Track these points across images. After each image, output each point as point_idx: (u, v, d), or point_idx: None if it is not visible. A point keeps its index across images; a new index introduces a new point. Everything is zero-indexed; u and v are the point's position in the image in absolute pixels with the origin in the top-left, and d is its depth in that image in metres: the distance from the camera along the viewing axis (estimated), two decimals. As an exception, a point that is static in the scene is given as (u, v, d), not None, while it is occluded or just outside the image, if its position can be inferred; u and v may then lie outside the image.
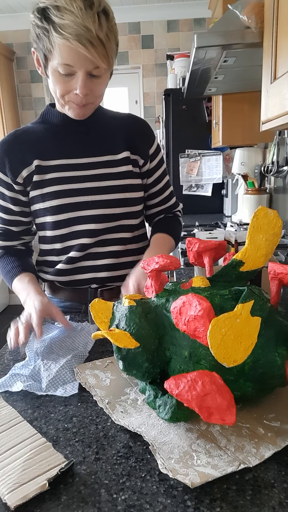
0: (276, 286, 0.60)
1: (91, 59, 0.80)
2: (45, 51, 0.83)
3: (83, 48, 0.77)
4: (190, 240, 0.74)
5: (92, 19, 0.77)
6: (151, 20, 3.38)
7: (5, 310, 3.96)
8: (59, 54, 0.80)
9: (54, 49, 0.80)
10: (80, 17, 0.76)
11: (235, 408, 0.47)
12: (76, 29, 0.76)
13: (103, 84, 0.89)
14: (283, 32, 0.95)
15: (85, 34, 0.76)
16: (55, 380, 0.68)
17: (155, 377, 0.61)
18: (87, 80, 0.84)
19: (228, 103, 2.12)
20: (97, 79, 0.86)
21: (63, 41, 0.77)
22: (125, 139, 1.00)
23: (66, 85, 0.85)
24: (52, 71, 0.85)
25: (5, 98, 3.36)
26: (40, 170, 0.95)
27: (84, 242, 0.98)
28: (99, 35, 0.78)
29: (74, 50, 0.78)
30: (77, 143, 0.98)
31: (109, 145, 1.00)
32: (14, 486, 0.46)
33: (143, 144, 1.03)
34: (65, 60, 0.80)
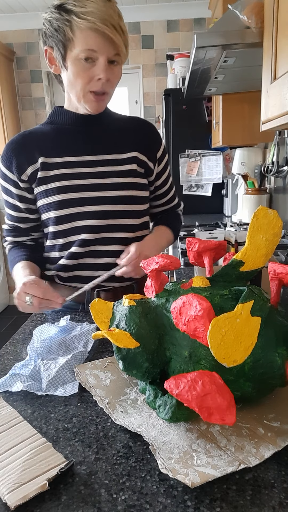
0: (276, 286, 0.60)
1: (115, 43, 0.85)
2: (66, 41, 0.86)
3: (109, 30, 0.83)
4: (190, 240, 0.74)
5: (113, 10, 0.85)
6: (151, 20, 3.38)
7: (5, 310, 3.96)
8: (83, 40, 0.84)
9: (76, 37, 0.84)
10: (102, 5, 0.83)
11: (235, 408, 0.47)
12: (100, 14, 0.82)
13: (119, 75, 0.94)
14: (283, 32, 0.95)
15: (109, 19, 0.83)
16: (55, 380, 0.68)
17: (155, 377, 0.61)
18: (107, 66, 0.88)
19: (228, 103, 2.12)
20: (115, 68, 0.91)
21: (90, 25, 0.82)
22: (133, 140, 1.03)
23: (87, 72, 0.88)
24: (72, 60, 0.88)
25: (5, 98, 3.35)
26: (45, 167, 0.98)
27: (85, 237, 1.00)
28: (120, 23, 0.85)
29: (100, 34, 0.83)
30: (82, 141, 1.01)
31: (114, 144, 1.02)
32: (14, 486, 0.46)
33: (151, 146, 1.06)
34: (90, 45, 0.84)
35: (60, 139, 1.01)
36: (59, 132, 1.01)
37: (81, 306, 1.07)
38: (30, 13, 3.36)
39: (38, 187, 0.99)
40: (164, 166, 1.12)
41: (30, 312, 0.91)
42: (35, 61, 3.55)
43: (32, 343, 0.80)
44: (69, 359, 0.73)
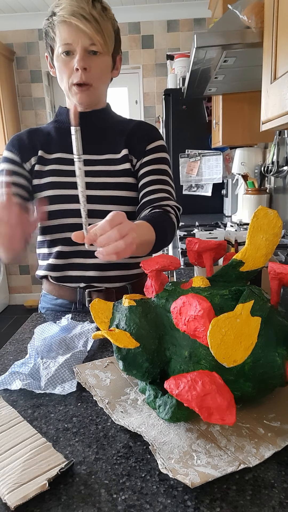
0: (276, 286, 0.60)
1: (86, 33, 0.87)
2: (51, 42, 0.92)
3: (76, 20, 0.85)
4: (190, 240, 0.74)
5: (86, 1, 0.86)
6: (151, 20, 3.38)
7: (5, 310, 3.96)
8: (59, 36, 0.89)
9: (56, 35, 0.89)
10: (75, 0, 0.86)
11: (235, 408, 0.47)
12: (70, 8, 0.86)
13: (102, 65, 0.93)
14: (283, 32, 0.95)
15: (78, 10, 0.85)
16: (54, 378, 0.69)
17: (155, 377, 0.61)
18: (84, 56, 0.89)
19: (228, 103, 2.12)
20: (96, 58, 0.91)
21: (60, 19, 0.87)
22: (125, 139, 1.03)
23: (68, 65, 0.91)
24: (56, 58, 0.92)
25: (5, 98, 3.35)
26: (41, 161, 1.00)
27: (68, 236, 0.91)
28: (92, 12, 0.86)
29: (70, 26, 0.87)
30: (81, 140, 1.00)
31: (110, 145, 1.03)
32: (14, 486, 0.46)
33: (140, 142, 1.02)
34: (64, 39, 0.88)
35: (59, 136, 1.03)
36: (60, 130, 1.04)
37: (74, 305, 1.07)
38: (30, 13, 3.36)
39: (34, 179, 1.00)
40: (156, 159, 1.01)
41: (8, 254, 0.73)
42: (35, 61, 3.55)
43: (33, 342, 0.80)
44: (68, 358, 0.73)
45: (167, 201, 0.98)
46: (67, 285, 1.05)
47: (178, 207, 1.01)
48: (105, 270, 1.03)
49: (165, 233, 0.90)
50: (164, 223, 0.91)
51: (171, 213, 0.96)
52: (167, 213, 0.96)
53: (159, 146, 1.04)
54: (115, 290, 1.05)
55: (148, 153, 1.02)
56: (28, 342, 0.85)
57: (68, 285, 1.05)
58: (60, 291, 1.07)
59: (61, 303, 1.08)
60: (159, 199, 0.98)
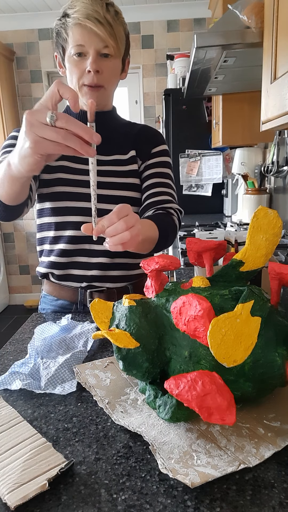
0: (276, 286, 0.60)
1: (100, 36, 0.88)
2: (63, 42, 0.93)
3: (91, 23, 0.87)
4: (190, 240, 0.74)
5: (100, 5, 0.88)
6: (151, 20, 3.38)
7: (5, 310, 3.96)
8: (72, 38, 0.90)
9: (69, 36, 0.91)
10: (89, 3, 0.88)
11: (235, 408, 0.47)
12: (85, 11, 0.87)
13: (113, 68, 0.95)
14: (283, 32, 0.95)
15: (93, 14, 0.87)
16: (54, 378, 0.69)
17: (155, 377, 0.61)
18: (97, 58, 0.91)
19: (228, 103, 2.12)
20: (108, 60, 0.93)
21: (74, 21, 0.88)
22: (132, 141, 1.05)
23: (79, 67, 0.92)
24: (68, 58, 0.93)
25: (5, 98, 3.36)
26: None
27: (72, 234, 1.00)
28: (105, 16, 0.88)
29: (84, 29, 0.88)
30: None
31: (118, 146, 1.04)
32: (14, 486, 0.46)
33: (146, 145, 1.06)
34: (77, 41, 0.89)
35: None
36: None
37: (75, 306, 1.07)
38: (30, 13, 3.36)
39: (42, 174, 1.00)
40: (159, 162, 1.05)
41: (44, 152, 0.59)
42: (35, 61, 3.55)
43: (33, 342, 0.80)
44: (68, 358, 0.73)
45: (170, 203, 1.02)
46: (68, 285, 1.05)
47: (180, 210, 1.05)
48: (107, 269, 1.03)
49: (167, 233, 0.93)
50: (166, 224, 0.94)
51: (173, 215, 1.00)
52: (170, 215, 0.99)
53: (163, 150, 1.08)
54: (117, 290, 1.05)
55: (153, 156, 1.06)
56: (28, 342, 0.85)
57: (70, 285, 1.05)
58: (61, 291, 1.07)
59: (62, 304, 1.08)
60: (162, 202, 1.01)
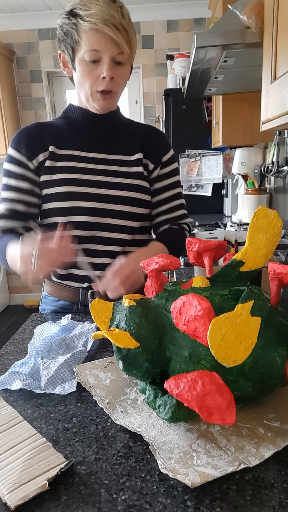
0: (276, 286, 0.60)
1: (117, 42, 0.87)
2: (73, 43, 0.91)
3: (109, 30, 0.85)
4: (190, 240, 0.74)
5: (116, 9, 0.87)
6: (151, 20, 3.38)
7: (5, 310, 3.96)
8: (87, 42, 0.88)
9: (82, 39, 0.88)
10: (105, 7, 0.86)
11: (235, 408, 0.47)
12: (102, 15, 0.85)
13: (125, 75, 0.96)
14: (283, 32, 0.95)
15: (111, 19, 0.85)
16: (54, 378, 0.69)
17: (155, 377, 0.61)
18: (112, 65, 0.90)
19: (228, 103, 2.12)
20: (121, 67, 0.93)
21: (91, 26, 0.86)
22: (140, 143, 1.05)
23: (93, 72, 0.91)
24: (79, 61, 0.92)
25: (5, 98, 3.35)
26: (53, 157, 0.99)
27: (79, 234, 0.99)
28: (122, 22, 0.87)
29: (101, 34, 0.86)
30: (93, 139, 1.03)
31: (123, 146, 1.04)
32: (14, 486, 0.46)
33: (156, 150, 1.06)
34: (92, 45, 0.88)
35: (72, 133, 1.03)
36: (71, 126, 1.04)
37: (76, 306, 1.07)
38: (30, 13, 3.36)
39: (45, 175, 0.99)
40: (170, 172, 1.09)
41: (42, 278, 0.82)
42: (35, 61, 3.55)
43: (33, 342, 0.80)
44: (68, 358, 0.73)
45: (184, 219, 1.12)
46: (69, 285, 1.05)
47: (191, 222, 1.15)
48: None
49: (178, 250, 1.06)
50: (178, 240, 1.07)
51: (186, 230, 1.12)
52: (183, 230, 1.11)
53: (172, 157, 1.11)
54: None
55: (164, 165, 1.08)
56: (28, 342, 0.85)
57: (71, 285, 1.05)
58: (62, 292, 1.07)
59: (63, 304, 1.08)
60: (176, 218, 1.11)
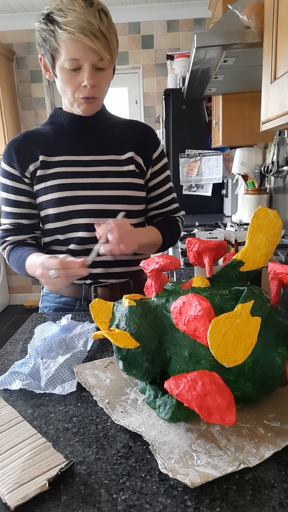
0: (276, 286, 0.60)
1: (96, 50, 0.86)
2: (52, 51, 0.89)
3: (87, 39, 0.84)
4: (190, 240, 0.74)
5: (93, 15, 0.84)
6: (151, 20, 3.38)
7: (5, 310, 3.96)
8: (66, 50, 0.86)
9: (61, 47, 0.87)
10: (82, 13, 0.83)
11: (235, 408, 0.47)
12: (79, 23, 0.83)
13: (107, 78, 0.95)
14: (283, 32, 0.95)
15: (88, 27, 0.83)
16: (54, 378, 0.69)
17: (155, 377, 0.61)
18: (93, 73, 0.90)
19: (228, 103, 2.12)
20: (102, 73, 0.92)
21: (69, 36, 0.84)
22: (130, 141, 1.05)
23: (74, 80, 0.91)
24: (60, 69, 0.91)
25: (5, 98, 3.35)
26: (44, 165, 1.00)
27: (82, 235, 1.01)
28: (100, 28, 0.85)
29: (79, 43, 0.85)
30: (82, 142, 1.03)
31: (113, 146, 1.04)
32: (14, 486, 0.46)
33: (147, 148, 1.07)
34: (71, 54, 0.86)
35: (60, 138, 1.03)
36: (59, 132, 1.04)
37: (79, 302, 1.08)
38: (30, 13, 3.36)
39: (38, 184, 1.00)
40: (161, 168, 1.11)
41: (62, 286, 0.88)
42: (35, 61, 3.55)
43: (33, 342, 0.80)
44: (68, 358, 0.73)
45: (178, 212, 1.16)
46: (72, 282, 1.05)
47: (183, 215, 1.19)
48: (111, 267, 1.05)
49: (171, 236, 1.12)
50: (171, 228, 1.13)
51: (178, 222, 1.17)
52: (176, 221, 1.16)
53: (162, 152, 1.11)
54: (119, 285, 1.07)
55: (155, 162, 1.09)
56: (28, 342, 0.85)
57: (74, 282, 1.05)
58: (65, 289, 1.07)
59: (66, 301, 1.09)
60: (171, 212, 1.15)
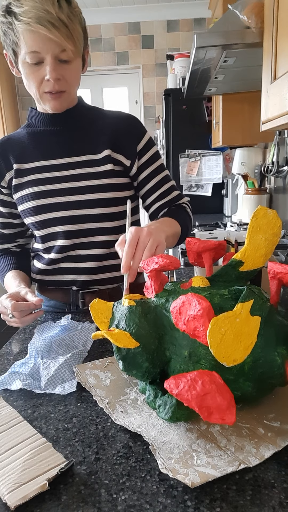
0: (276, 285, 0.60)
1: (56, 41, 0.79)
2: (13, 45, 0.83)
3: (44, 29, 0.77)
4: (190, 240, 0.74)
5: (51, 2, 0.77)
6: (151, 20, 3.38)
7: (5, 310, 3.96)
8: (25, 43, 0.80)
9: (20, 39, 0.80)
10: (39, 1, 0.76)
11: (235, 408, 0.47)
12: (35, 12, 0.76)
13: (74, 71, 0.88)
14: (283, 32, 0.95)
15: (45, 16, 0.76)
16: (54, 378, 0.69)
17: (155, 377, 0.61)
18: (56, 65, 0.83)
19: (228, 103, 2.12)
20: (67, 65, 0.85)
21: (25, 27, 0.77)
22: (107, 138, 0.97)
23: (37, 74, 0.84)
24: (22, 63, 0.84)
25: (5, 98, 3.36)
26: (18, 174, 0.96)
27: (61, 244, 0.97)
28: (60, 17, 0.78)
29: (37, 35, 0.78)
30: (57, 144, 0.97)
31: (90, 144, 0.97)
32: (14, 486, 0.46)
33: (128, 141, 0.98)
34: (31, 47, 0.80)
35: (34, 143, 0.98)
36: (33, 136, 0.98)
37: (67, 306, 1.06)
38: None
39: (15, 193, 0.97)
40: (151, 158, 1.01)
41: (18, 327, 0.87)
42: (35, 61, 3.54)
43: (33, 342, 0.80)
44: (68, 358, 0.73)
45: (180, 199, 1.06)
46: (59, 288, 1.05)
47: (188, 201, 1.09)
48: (96, 273, 1.01)
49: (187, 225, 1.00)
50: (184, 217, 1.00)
51: (186, 209, 1.06)
52: (184, 208, 1.05)
53: (148, 143, 1.01)
54: (108, 291, 1.04)
55: (141, 153, 1.00)
56: (28, 342, 0.85)
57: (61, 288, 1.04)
58: (52, 292, 1.06)
59: (55, 304, 1.08)
60: (173, 200, 1.04)
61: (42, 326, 0.86)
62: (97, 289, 1.03)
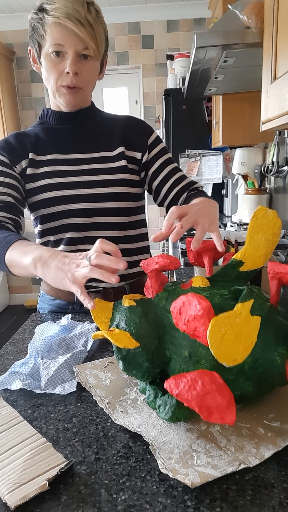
0: (276, 285, 0.60)
1: (80, 37, 0.86)
2: (39, 38, 0.90)
3: (72, 24, 0.84)
4: (189, 240, 0.74)
5: (81, 4, 0.86)
6: (151, 20, 3.38)
7: (5, 310, 3.96)
8: (51, 36, 0.87)
9: (46, 33, 0.87)
10: (70, 1, 0.85)
11: (235, 408, 0.47)
12: (66, 10, 0.84)
13: (93, 70, 0.94)
14: (283, 32, 0.95)
15: (74, 13, 0.84)
16: (54, 378, 0.69)
17: (155, 377, 0.61)
18: (77, 60, 0.89)
19: (228, 103, 2.12)
20: (87, 62, 0.91)
21: (54, 20, 0.85)
22: (120, 136, 1.03)
23: (57, 67, 0.90)
24: (45, 56, 0.90)
25: (5, 98, 3.36)
26: (33, 164, 0.99)
27: (72, 236, 0.99)
28: (87, 17, 0.86)
29: (64, 28, 0.85)
30: (71, 140, 1.02)
31: (103, 142, 1.02)
32: (14, 486, 0.46)
33: (139, 137, 1.04)
34: (56, 39, 0.87)
35: (49, 137, 1.02)
36: (48, 131, 1.03)
37: (71, 306, 1.06)
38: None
39: (28, 184, 0.98)
40: (160, 151, 1.07)
41: (82, 280, 0.66)
42: (35, 61, 3.54)
43: (33, 341, 0.80)
44: (68, 358, 0.73)
45: (195, 184, 1.10)
46: None
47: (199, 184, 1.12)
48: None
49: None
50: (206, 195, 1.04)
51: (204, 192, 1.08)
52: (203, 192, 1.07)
53: (157, 138, 1.08)
54: (113, 290, 1.04)
55: (152, 146, 1.06)
56: (28, 342, 0.85)
57: None
58: (58, 291, 1.06)
59: (59, 303, 1.08)
60: (189, 184, 1.08)
61: (42, 326, 0.86)
62: (102, 288, 1.03)
